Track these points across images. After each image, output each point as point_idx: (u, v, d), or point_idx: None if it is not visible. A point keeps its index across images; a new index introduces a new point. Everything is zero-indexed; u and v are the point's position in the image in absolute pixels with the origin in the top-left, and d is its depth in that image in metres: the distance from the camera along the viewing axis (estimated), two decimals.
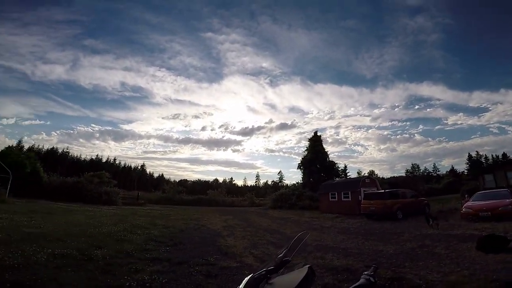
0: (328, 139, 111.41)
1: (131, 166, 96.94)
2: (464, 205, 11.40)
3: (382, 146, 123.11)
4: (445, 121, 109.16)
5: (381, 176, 61.11)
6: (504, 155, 63.40)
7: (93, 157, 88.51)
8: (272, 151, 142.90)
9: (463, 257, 5.18)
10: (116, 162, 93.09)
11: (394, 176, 52.40)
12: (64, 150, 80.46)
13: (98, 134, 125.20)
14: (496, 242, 5.50)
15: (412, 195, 16.19)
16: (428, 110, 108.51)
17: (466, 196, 14.53)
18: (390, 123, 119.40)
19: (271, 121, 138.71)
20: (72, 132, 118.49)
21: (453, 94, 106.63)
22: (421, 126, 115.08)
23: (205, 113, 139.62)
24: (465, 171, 60.54)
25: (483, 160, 67.54)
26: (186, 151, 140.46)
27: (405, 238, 7.99)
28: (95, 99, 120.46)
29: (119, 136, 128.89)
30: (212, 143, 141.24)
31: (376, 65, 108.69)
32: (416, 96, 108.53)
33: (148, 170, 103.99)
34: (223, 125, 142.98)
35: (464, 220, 10.47)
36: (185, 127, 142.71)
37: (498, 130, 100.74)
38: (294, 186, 38.23)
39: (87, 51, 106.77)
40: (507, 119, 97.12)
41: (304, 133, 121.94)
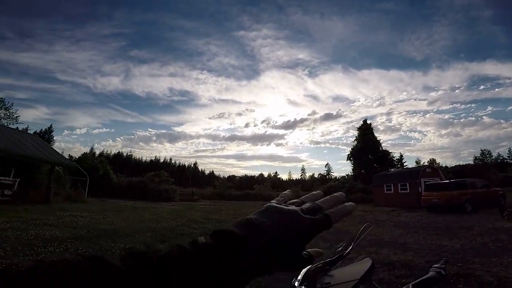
0: (380, 127, 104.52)
1: (185, 165, 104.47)
2: None
3: (444, 131, 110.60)
4: None
5: (444, 165, 54.96)
6: None
7: (152, 159, 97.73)
8: (318, 143, 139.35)
9: None
10: (172, 162, 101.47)
11: (460, 164, 46.69)
12: (128, 154, 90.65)
13: (155, 137, 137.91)
14: None
15: (483, 185, 14.40)
16: (497, 90, 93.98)
17: None
18: (451, 106, 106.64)
19: (314, 113, 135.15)
20: (133, 137, 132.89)
21: None
22: (490, 108, 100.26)
23: (247, 110, 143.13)
24: None
25: None
26: (233, 148, 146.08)
27: (475, 232, 7.13)
28: (149, 106, 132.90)
29: (173, 138, 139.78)
30: (256, 139, 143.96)
31: (426, 46, 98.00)
32: (480, 76, 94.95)
33: (200, 168, 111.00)
34: (265, 120, 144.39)
35: None
36: (230, 125, 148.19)
37: None
38: (344, 179, 36.70)
39: (135, 62, 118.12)
40: None
41: (352, 122, 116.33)
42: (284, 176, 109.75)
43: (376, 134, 38.89)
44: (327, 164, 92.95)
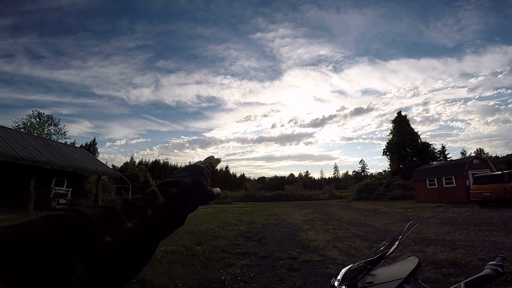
0: (416, 118, 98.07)
1: (217, 169, 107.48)
2: None
3: (490, 119, 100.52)
4: None
5: (494, 155, 49.80)
6: None
7: (187, 164, 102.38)
8: (350, 139, 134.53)
9: None
10: None
11: None
12: (164, 161, 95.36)
13: (188, 144, 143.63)
14: None
15: None
16: None
17: None
18: (496, 92, 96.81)
19: (343, 108, 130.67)
20: (168, 145, 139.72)
21: None
22: None
23: (273, 111, 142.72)
24: None
25: None
26: (261, 150, 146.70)
27: None
28: (180, 114, 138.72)
29: (204, 143, 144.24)
30: (284, 139, 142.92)
31: (456, 32, 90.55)
32: None
33: (231, 171, 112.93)
34: (292, 120, 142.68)
35: None
36: (257, 127, 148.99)
37: None
38: (381, 175, 34.83)
39: (163, 72, 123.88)
40: None
41: (385, 115, 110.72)
42: (316, 175, 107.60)
43: (413, 126, 36.49)
44: (362, 161, 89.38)
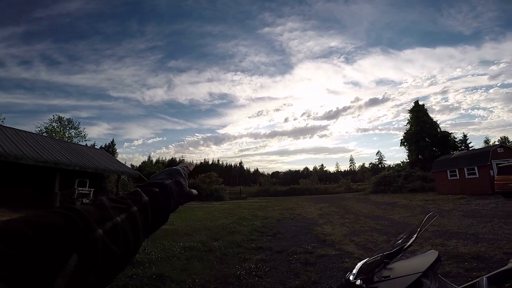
0: (435, 107, 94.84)
1: (232, 165, 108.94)
2: None
3: None
4: None
5: None
6: None
7: (202, 161, 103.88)
8: (366, 130, 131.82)
9: None
10: (220, 163, 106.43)
11: None
12: (180, 158, 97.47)
13: (202, 141, 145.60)
14: None
15: None
16: None
17: None
18: None
19: (358, 99, 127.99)
20: (183, 143, 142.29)
21: None
22: None
23: (285, 105, 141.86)
24: None
25: None
26: (274, 144, 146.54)
27: None
28: (193, 112, 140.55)
29: (218, 140, 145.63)
30: (297, 132, 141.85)
31: (472, 19, 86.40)
32: None
33: (245, 166, 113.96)
34: (305, 113, 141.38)
35: None
36: (269, 122, 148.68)
37: None
38: (399, 167, 33.86)
39: (174, 72, 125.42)
40: None
41: (401, 105, 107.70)
42: (331, 168, 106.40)
43: (432, 115, 35.18)
44: (378, 152, 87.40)
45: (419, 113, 34.61)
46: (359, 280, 1.12)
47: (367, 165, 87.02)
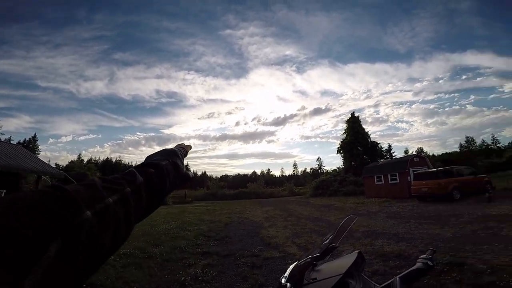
0: (368, 119, 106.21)
1: None
2: None
3: (430, 121, 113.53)
4: (500, 89, 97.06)
5: (432, 153, 56.40)
6: None
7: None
8: (308, 138, 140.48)
9: None
10: None
11: (447, 152, 47.99)
12: (117, 159, 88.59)
13: (144, 141, 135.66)
14: None
15: (470, 172, 14.66)
16: (478, 80, 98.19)
17: None
18: (436, 96, 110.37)
19: (304, 108, 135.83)
20: (121, 142, 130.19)
21: (504, 61, 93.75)
22: (473, 97, 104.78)
23: (237, 108, 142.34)
24: None
25: None
26: (224, 147, 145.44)
27: (465, 220, 7.33)
28: (136, 109, 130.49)
29: (162, 141, 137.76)
30: (247, 137, 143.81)
31: (409, 39, 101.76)
32: (461, 66, 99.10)
33: (192, 169, 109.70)
34: (256, 118, 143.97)
35: None
36: (220, 124, 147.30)
37: None
38: (335, 172, 37.05)
39: (119, 64, 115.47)
40: None
41: (341, 116, 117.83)
42: (277, 173, 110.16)
43: (364, 126, 39.42)
44: (318, 158, 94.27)
45: (354, 124, 38.46)
46: (289, 284, 1.15)
47: (309, 170, 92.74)
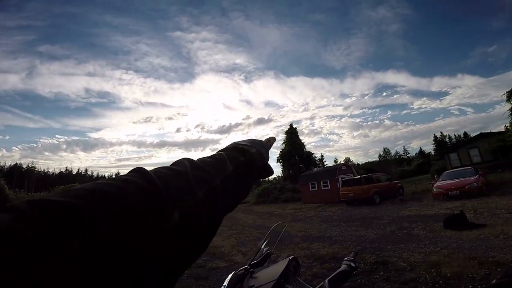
0: (304, 131, 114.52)
1: (105, 176, 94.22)
2: (435, 185, 12.04)
3: (355, 133, 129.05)
4: (411, 106, 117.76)
5: (357, 162, 63.79)
6: (465, 134, 69.08)
7: (62, 170, 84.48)
8: None
9: (440, 237, 5.49)
10: (89, 173, 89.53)
11: (369, 161, 55.03)
12: (30, 165, 74.77)
13: (65, 146, 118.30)
14: (458, 220, 5.95)
15: (387, 179, 16.80)
16: (395, 97, 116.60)
17: (436, 176, 15.44)
18: (361, 111, 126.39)
19: (248, 117, 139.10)
20: (36, 146, 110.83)
21: (416, 80, 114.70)
22: (390, 112, 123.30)
23: (179, 114, 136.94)
24: (432, 152, 65.01)
25: (447, 140, 72.87)
26: (163, 155, 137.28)
27: (385, 222, 8.35)
28: (58, 108, 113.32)
29: (88, 146, 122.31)
30: (189, 144, 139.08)
31: (344, 56, 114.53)
32: (383, 84, 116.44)
33: None
34: (199, 125, 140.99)
35: (436, 200, 11.10)
36: (159, 130, 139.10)
37: (458, 112, 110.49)
38: (276, 180, 38.66)
39: (44, 58, 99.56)
40: (465, 101, 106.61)
41: (281, 126, 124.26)
42: None
43: (301, 137, 42.43)
44: None
45: (292, 135, 40.97)
46: None
47: None
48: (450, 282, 3.17)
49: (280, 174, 41.77)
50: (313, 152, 42.74)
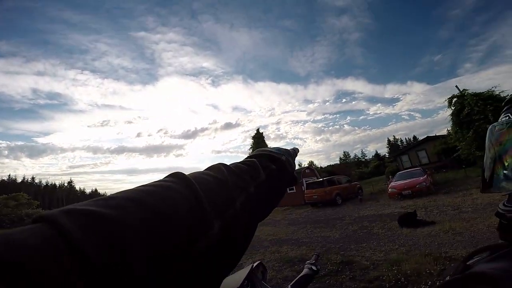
0: (271, 135, 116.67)
1: (56, 184, 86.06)
2: (389, 186, 13.00)
3: (318, 138, 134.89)
4: (367, 112, 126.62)
5: (320, 166, 66.56)
6: (415, 138, 76.25)
7: (4, 178, 75.88)
8: (219, 152, 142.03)
9: (397, 235, 5.93)
10: (36, 181, 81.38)
11: (331, 164, 57.64)
12: None
13: (7, 151, 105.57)
14: (410, 218, 6.50)
15: (347, 181, 17.63)
16: (353, 103, 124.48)
17: (390, 177, 16.71)
18: (323, 116, 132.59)
19: (215, 122, 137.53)
20: None
21: (372, 87, 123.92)
22: (349, 117, 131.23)
23: (140, 118, 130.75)
24: (387, 154, 70.48)
25: (399, 143, 79.74)
26: (121, 161, 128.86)
27: (347, 222, 8.77)
28: None
29: (35, 151, 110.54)
30: (151, 150, 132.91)
31: (309, 63, 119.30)
32: (343, 91, 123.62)
33: (78, 186, 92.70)
34: (162, 129, 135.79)
35: (392, 199, 12.00)
36: (117, 135, 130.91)
37: (408, 117, 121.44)
38: None
39: None
40: (414, 107, 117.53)
41: (249, 131, 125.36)
42: None
43: (268, 142, 43.24)
44: None
45: (259, 140, 41.37)
46: None
47: None
48: (411, 279, 3.43)
49: None
50: None
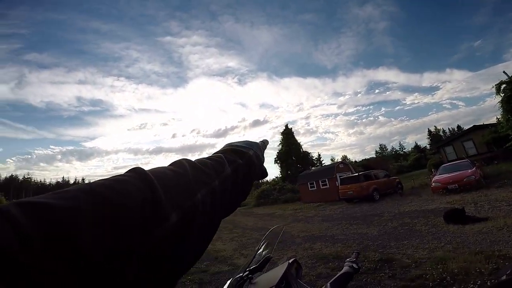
0: (300, 130, 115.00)
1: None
2: (433, 180, 12.05)
3: (351, 131, 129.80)
4: (404, 102, 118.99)
5: (354, 160, 64.09)
6: (459, 127, 69.83)
7: (59, 180, 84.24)
8: None
9: (443, 232, 5.47)
10: (86, 182, 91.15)
11: (366, 158, 55.24)
12: (25, 177, 74.40)
13: (60, 156, 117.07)
14: (457, 214, 5.93)
15: (385, 175, 16.80)
16: (388, 93, 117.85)
17: (433, 171, 15.50)
18: (355, 109, 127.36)
19: (244, 119, 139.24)
20: (30, 157, 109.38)
21: (407, 76, 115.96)
22: (383, 109, 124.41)
23: (174, 119, 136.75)
24: (428, 146, 65.53)
25: (442, 134, 73.59)
26: (159, 161, 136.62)
27: (386, 218, 8.33)
28: (50, 118, 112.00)
29: (84, 155, 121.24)
30: (186, 149, 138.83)
31: (335, 56, 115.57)
32: (375, 81, 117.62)
33: None
34: (195, 130, 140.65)
35: (436, 194, 11.09)
36: (155, 136, 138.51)
37: (450, 106, 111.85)
38: (274, 181, 38.58)
39: (33, 66, 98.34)
40: (456, 95, 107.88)
41: (277, 127, 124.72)
42: None
43: (297, 137, 42.69)
44: None
45: (288, 135, 41.06)
46: None
47: None
48: (458, 278, 3.13)
49: (279, 175, 41.76)
50: (310, 152, 42.99)
